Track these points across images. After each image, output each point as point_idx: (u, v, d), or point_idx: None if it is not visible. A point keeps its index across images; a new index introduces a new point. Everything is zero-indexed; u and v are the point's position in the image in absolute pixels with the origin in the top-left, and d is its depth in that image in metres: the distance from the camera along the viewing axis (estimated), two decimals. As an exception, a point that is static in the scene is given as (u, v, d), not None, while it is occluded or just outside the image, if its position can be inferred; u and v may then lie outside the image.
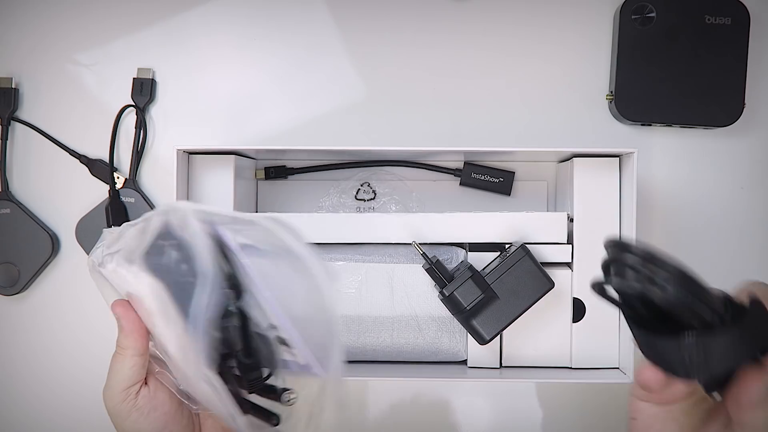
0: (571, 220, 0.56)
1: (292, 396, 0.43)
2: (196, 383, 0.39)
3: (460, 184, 0.63)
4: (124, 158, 0.65)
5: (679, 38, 0.61)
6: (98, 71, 0.65)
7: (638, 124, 0.63)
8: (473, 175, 0.63)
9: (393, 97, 0.65)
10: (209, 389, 0.39)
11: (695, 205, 0.64)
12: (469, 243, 0.56)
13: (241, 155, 0.58)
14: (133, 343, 0.42)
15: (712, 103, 0.61)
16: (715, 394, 0.33)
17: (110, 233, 0.43)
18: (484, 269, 0.54)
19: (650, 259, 0.28)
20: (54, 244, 0.64)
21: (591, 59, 0.64)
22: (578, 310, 0.56)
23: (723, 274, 0.64)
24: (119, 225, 0.62)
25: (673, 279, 0.27)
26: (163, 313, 0.39)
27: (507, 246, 0.55)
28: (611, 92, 0.62)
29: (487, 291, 0.52)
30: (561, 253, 0.56)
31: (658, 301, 0.27)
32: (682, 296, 0.27)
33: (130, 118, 0.65)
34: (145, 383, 0.44)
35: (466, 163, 0.63)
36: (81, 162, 0.64)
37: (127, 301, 0.43)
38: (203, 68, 0.65)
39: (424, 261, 0.53)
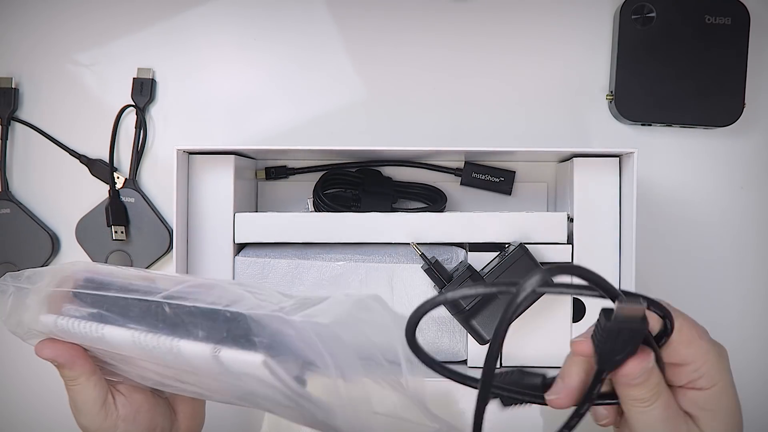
0: (571, 220, 0.56)
1: None
2: None
3: (460, 183, 0.63)
4: (124, 158, 0.65)
5: (679, 38, 0.61)
6: (98, 71, 0.65)
7: (638, 124, 0.63)
8: (474, 175, 0.62)
9: (393, 96, 0.65)
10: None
11: (695, 205, 0.64)
12: (469, 243, 0.56)
13: (241, 155, 0.58)
14: (81, 368, 0.42)
15: (712, 103, 0.61)
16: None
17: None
18: (483, 269, 0.54)
19: None
20: (54, 244, 0.64)
21: (591, 59, 0.64)
22: (578, 310, 0.56)
23: (722, 274, 0.64)
24: (119, 225, 0.63)
25: None
26: None
27: (506, 246, 0.55)
28: (611, 92, 0.62)
29: (487, 291, 0.52)
30: (561, 253, 0.56)
31: None
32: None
33: (130, 118, 0.65)
34: (117, 392, 0.44)
35: (466, 163, 0.63)
36: (81, 162, 0.64)
37: (48, 338, 0.42)
38: (203, 68, 0.65)
39: (423, 262, 0.53)
